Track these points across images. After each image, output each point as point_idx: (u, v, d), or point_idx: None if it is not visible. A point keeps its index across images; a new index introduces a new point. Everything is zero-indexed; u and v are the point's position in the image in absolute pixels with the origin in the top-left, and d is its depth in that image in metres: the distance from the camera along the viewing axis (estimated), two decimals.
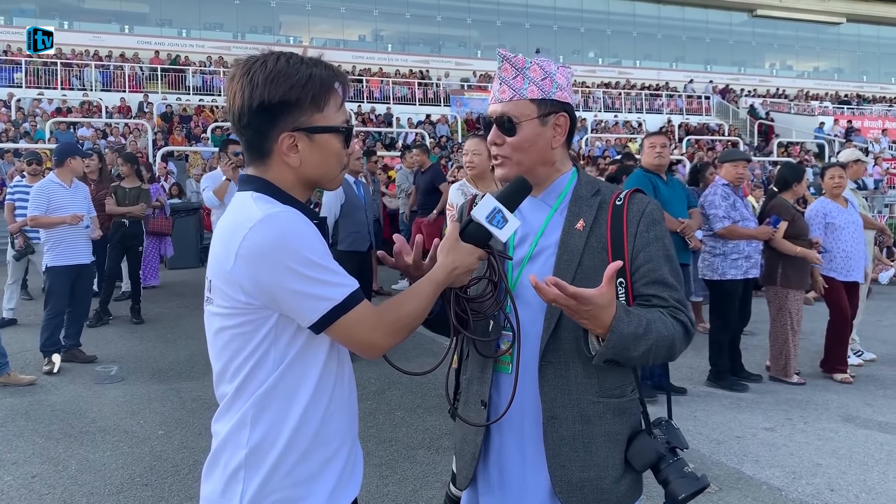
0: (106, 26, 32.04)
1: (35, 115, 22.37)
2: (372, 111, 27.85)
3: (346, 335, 1.49)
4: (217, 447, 1.54)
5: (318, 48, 1.71)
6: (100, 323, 8.16)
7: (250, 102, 1.47)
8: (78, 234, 6.55)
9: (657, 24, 41.67)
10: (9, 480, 4.12)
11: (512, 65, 1.75)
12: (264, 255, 1.40)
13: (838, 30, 45.01)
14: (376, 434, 4.69)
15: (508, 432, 1.75)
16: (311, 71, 1.50)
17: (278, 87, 1.46)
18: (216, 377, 1.57)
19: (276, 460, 1.48)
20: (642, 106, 34.06)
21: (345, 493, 1.58)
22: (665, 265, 1.71)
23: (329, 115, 1.53)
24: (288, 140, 1.50)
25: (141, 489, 3.98)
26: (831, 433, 4.87)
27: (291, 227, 1.43)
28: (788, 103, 36.43)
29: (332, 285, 1.44)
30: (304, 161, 1.53)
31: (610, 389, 1.72)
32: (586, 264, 1.69)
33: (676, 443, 1.74)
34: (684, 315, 1.69)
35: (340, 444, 1.58)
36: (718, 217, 5.75)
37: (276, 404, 1.49)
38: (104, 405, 5.43)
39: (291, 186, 1.55)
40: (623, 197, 1.77)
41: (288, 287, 1.41)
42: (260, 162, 1.55)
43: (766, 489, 4.00)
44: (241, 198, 1.53)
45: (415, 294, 1.56)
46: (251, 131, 1.51)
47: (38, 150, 11.84)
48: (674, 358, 1.71)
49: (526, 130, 1.74)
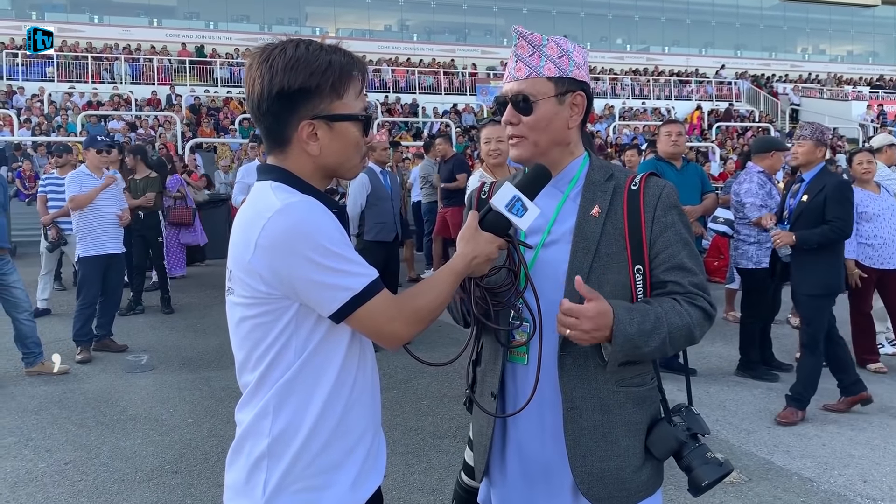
0: (135, 20, 32.43)
1: (67, 109, 22.73)
2: (397, 101, 27.85)
3: (365, 325, 1.47)
4: (240, 436, 1.55)
5: (344, 38, 1.70)
6: (131, 312, 8.32)
7: (269, 89, 1.45)
8: (107, 223, 6.65)
9: (686, 9, 41.06)
10: (43, 467, 4.20)
11: (528, 42, 1.71)
12: (283, 245, 1.40)
13: (873, 12, 43.99)
14: (402, 423, 4.71)
15: (526, 423, 1.73)
16: (331, 58, 1.47)
17: (298, 73, 1.44)
18: (239, 367, 1.57)
19: (299, 449, 1.48)
20: (671, 93, 33.66)
21: (367, 482, 1.58)
22: (683, 249, 1.68)
23: (348, 103, 1.51)
24: (308, 128, 1.48)
25: (171, 476, 4.04)
26: (864, 423, 4.78)
27: (310, 216, 1.42)
28: (820, 88, 35.75)
29: (351, 275, 1.43)
30: (324, 149, 1.51)
31: (629, 378, 1.70)
32: (603, 252, 1.67)
33: (697, 429, 1.72)
34: (702, 299, 1.67)
35: (363, 434, 1.57)
36: (756, 206, 5.63)
37: (298, 394, 1.48)
38: (135, 394, 5.52)
39: (311, 175, 1.53)
40: (638, 181, 1.72)
41: (306, 277, 1.40)
42: (279, 150, 1.53)
43: (797, 480, 3.94)
44: (260, 187, 1.51)
45: (434, 284, 1.55)
46: (270, 119, 1.49)
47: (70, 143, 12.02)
48: (695, 342, 1.68)
49: (543, 109, 1.69)
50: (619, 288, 1.67)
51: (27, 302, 5.94)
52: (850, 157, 6.47)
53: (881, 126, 27.80)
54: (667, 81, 34.67)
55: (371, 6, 36.47)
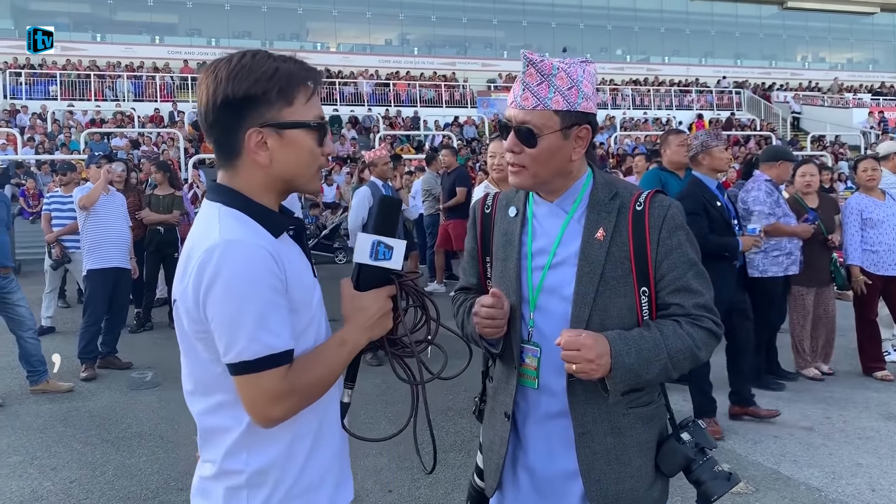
0: (137, 38, 32.58)
1: (69, 127, 22.83)
2: (398, 114, 27.95)
3: (243, 395, 1.39)
4: (210, 476, 1.52)
5: (345, 53, 1.66)
6: (141, 329, 8.35)
7: (214, 99, 1.41)
8: (114, 237, 6.69)
9: (685, 19, 41.18)
10: (48, 486, 4.19)
11: (538, 70, 1.65)
12: (209, 283, 1.34)
13: (872, 20, 44.07)
14: (407, 437, 4.69)
15: (535, 442, 1.76)
16: (279, 65, 1.42)
17: (242, 81, 1.39)
18: (188, 394, 1.53)
19: (277, 479, 1.46)
20: (672, 103, 33.73)
21: (343, 493, 1.59)
22: (689, 271, 1.68)
23: (299, 110, 1.44)
24: (255, 136, 1.42)
25: (176, 494, 4.03)
26: (872, 432, 4.75)
27: (241, 262, 1.35)
28: (821, 96, 35.79)
29: (254, 339, 1.34)
30: (275, 159, 1.44)
31: (638, 399, 1.71)
32: (608, 275, 1.66)
33: (705, 443, 1.73)
34: (707, 319, 1.66)
35: (339, 448, 1.59)
36: (764, 214, 5.58)
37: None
38: (140, 411, 5.51)
39: (263, 190, 1.47)
40: (643, 200, 1.70)
41: (217, 318, 1.35)
42: (229, 165, 1.47)
43: (805, 489, 3.92)
44: (209, 211, 1.46)
45: (326, 361, 1.45)
46: (218, 130, 1.44)
47: (73, 161, 12.07)
48: (701, 362, 1.69)
49: (546, 143, 1.65)
50: (625, 311, 1.67)
51: (31, 320, 5.95)
52: (855, 164, 6.48)
53: (882, 133, 27.82)
54: (667, 91, 34.75)
55: (372, 21, 36.63)
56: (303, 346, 1.45)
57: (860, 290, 5.96)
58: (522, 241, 1.78)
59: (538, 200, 1.79)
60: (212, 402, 1.46)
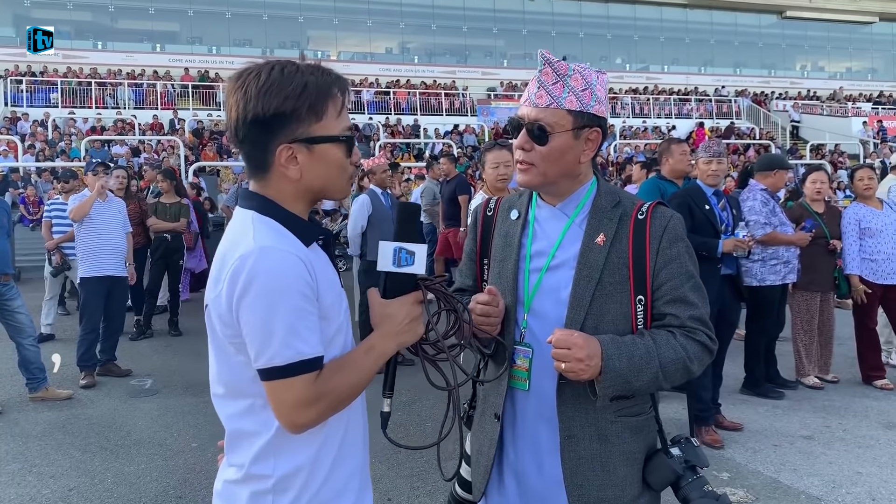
0: (138, 45, 32.64)
1: (70, 134, 22.87)
2: (399, 122, 28.00)
3: (273, 399, 1.40)
4: (236, 480, 1.52)
5: (346, 62, 1.66)
6: (142, 336, 8.34)
7: (245, 116, 1.42)
8: (107, 245, 6.67)
9: (684, 28, 41.30)
10: (47, 493, 4.18)
11: (554, 69, 1.67)
12: (243, 289, 1.36)
13: (871, 29, 44.21)
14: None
15: (523, 445, 1.75)
16: (307, 80, 1.43)
17: (272, 98, 1.40)
18: (218, 398, 1.54)
19: (304, 484, 1.46)
20: (671, 111, 33.80)
21: (365, 500, 1.59)
22: (686, 282, 1.68)
23: (328, 125, 1.46)
24: (286, 152, 1.44)
25: (175, 501, 4.02)
26: (872, 440, 4.75)
27: (274, 269, 1.36)
28: (821, 105, 35.87)
29: (285, 345, 1.36)
30: (305, 173, 1.46)
31: (627, 407, 1.70)
32: (606, 281, 1.67)
33: (696, 461, 1.71)
34: (702, 333, 1.66)
35: (362, 457, 1.59)
36: (760, 223, 5.58)
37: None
38: (139, 418, 5.50)
39: (294, 201, 1.49)
40: (645, 211, 1.71)
41: (250, 323, 1.37)
42: (260, 176, 1.49)
43: (805, 499, 3.92)
44: (242, 217, 1.47)
45: (357, 367, 1.46)
46: (248, 145, 1.46)
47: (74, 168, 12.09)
48: (692, 376, 1.67)
49: (557, 141, 1.67)
50: (619, 317, 1.67)
51: (31, 327, 5.95)
52: (852, 173, 6.49)
53: (882, 142, 27.86)
54: (667, 100, 34.84)
55: (372, 29, 36.73)
56: (331, 354, 1.46)
57: (860, 300, 5.96)
58: (522, 243, 1.79)
59: (541, 203, 1.80)
60: (241, 406, 1.47)
